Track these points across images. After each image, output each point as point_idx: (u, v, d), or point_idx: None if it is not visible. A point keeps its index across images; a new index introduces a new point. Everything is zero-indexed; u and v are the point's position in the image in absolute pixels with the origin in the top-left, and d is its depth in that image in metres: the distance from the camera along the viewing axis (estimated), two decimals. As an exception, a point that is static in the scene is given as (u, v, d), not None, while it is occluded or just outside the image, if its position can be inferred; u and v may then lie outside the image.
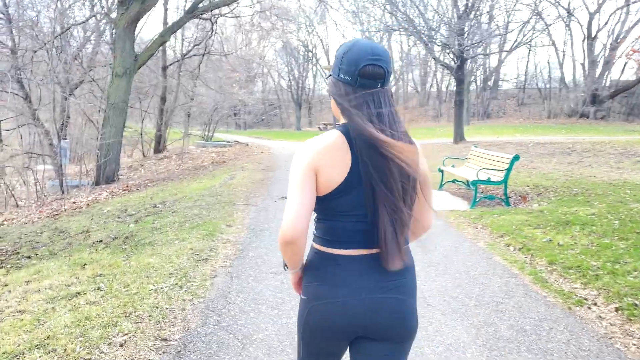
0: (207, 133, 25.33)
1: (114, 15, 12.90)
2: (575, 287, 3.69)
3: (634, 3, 24.18)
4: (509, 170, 6.86)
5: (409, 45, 37.59)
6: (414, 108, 41.02)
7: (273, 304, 3.42)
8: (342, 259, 1.35)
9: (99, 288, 3.73)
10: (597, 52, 30.09)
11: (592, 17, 29.22)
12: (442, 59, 20.86)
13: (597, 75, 29.48)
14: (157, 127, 20.92)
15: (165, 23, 19.51)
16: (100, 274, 4.10)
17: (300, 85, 42.32)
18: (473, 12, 17.89)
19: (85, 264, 4.53)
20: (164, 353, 2.73)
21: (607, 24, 33.34)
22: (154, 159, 18.48)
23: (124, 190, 10.30)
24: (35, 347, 2.77)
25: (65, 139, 12.90)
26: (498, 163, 7.21)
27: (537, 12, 21.59)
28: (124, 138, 14.59)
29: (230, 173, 11.26)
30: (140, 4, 11.80)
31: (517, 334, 2.94)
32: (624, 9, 27.58)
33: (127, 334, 2.91)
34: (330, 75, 1.40)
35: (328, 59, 40.57)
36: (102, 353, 2.69)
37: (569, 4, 29.48)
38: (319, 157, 1.31)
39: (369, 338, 1.38)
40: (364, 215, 1.33)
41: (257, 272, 4.14)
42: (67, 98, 12.81)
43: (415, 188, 1.35)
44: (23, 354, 2.70)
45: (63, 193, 11.28)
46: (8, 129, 16.03)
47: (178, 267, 4.21)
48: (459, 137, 18.13)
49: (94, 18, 16.21)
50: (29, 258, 5.51)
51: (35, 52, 13.20)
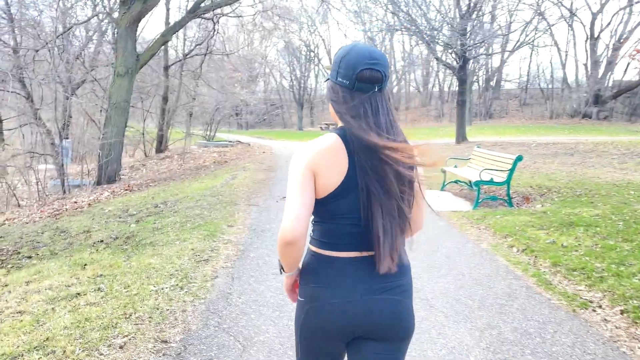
0: (209, 133, 25.35)
1: (116, 15, 12.90)
2: (580, 289, 3.65)
3: (637, 3, 24.09)
4: (512, 171, 6.82)
5: (411, 45, 37.66)
6: (416, 108, 41.01)
7: (274, 306, 3.39)
8: (338, 261, 1.36)
9: (99, 289, 3.70)
10: (599, 52, 30.00)
11: (594, 17, 29.14)
12: (444, 59, 20.83)
13: (599, 76, 29.38)
14: (159, 126, 20.95)
15: (167, 23, 19.53)
16: (101, 275, 4.08)
17: (302, 85, 42.34)
18: (475, 12, 17.85)
19: (86, 264, 4.51)
20: (164, 355, 2.70)
21: (609, 24, 33.20)
22: (156, 159, 18.48)
23: (126, 190, 10.29)
24: (35, 348, 2.74)
25: (67, 139, 12.89)
26: (501, 163, 7.17)
27: (539, 12, 21.55)
28: (126, 138, 14.60)
29: (232, 173, 11.24)
30: (142, 4, 11.79)
31: (521, 337, 2.90)
32: (627, 9, 27.50)
33: (126, 336, 2.88)
34: (329, 79, 1.41)
35: (330, 59, 40.52)
36: (101, 355, 2.67)
37: (572, 4, 29.60)
38: (318, 159, 1.31)
39: (366, 338, 1.38)
40: (360, 219, 1.34)
41: (258, 273, 4.11)
42: (69, 97, 12.80)
43: (413, 190, 1.36)
44: (22, 356, 2.67)
45: (64, 193, 11.28)
46: (10, 129, 16.07)
47: (179, 267, 4.18)
48: (461, 137, 18.09)
49: (96, 17, 16.23)
50: (30, 258, 5.50)
51: (37, 51, 13.19)
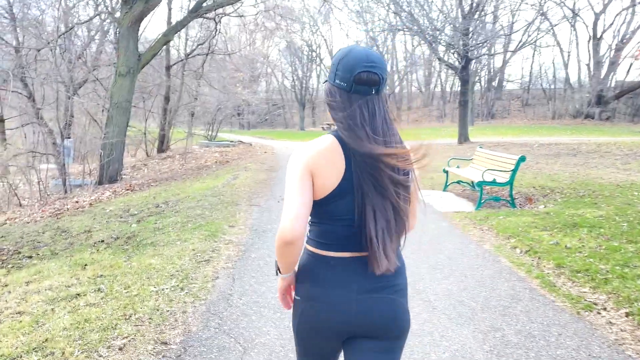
0: (210, 133, 25.35)
1: (118, 15, 12.89)
2: (584, 291, 3.61)
3: (640, 3, 24.03)
4: (515, 172, 6.78)
5: (413, 45, 37.60)
6: (418, 108, 40.96)
7: (275, 307, 3.36)
8: (334, 261, 1.37)
9: (99, 289, 3.68)
10: (602, 52, 29.95)
11: (597, 17, 29.09)
12: (446, 59, 20.79)
13: (602, 76, 29.33)
14: (160, 126, 20.96)
15: (169, 22, 19.53)
16: (101, 275, 4.05)
17: (304, 85, 42.35)
18: (478, 12, 17.80)
19: (86, 265, 4.49)
20: (164, 357, 2.67)
21: (612, 25, 33.13)
22: (157, 159, 18.47)
23: (127, 190, 10.27)
24: (34, 349, 2.72)
25: (69, 138, 12.89)
26: (504, 164, 7.13)
27: (542, 12, 21.47)
28: (128, 137, 14.57)
29: (234, 173, 11.22)
30: (144, 3, 11.77)
31: (525, 340, 2.87)
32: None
33: (126, 337, 2.86)
34: (327, 81, 1.42)
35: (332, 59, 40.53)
36: (100, 357, 2.64)
37: (574, 4, 29.40)
38: (316, 159, 1.32)
39: (362, 337, 1.39)
40: (354, 220, 1.34)
41: (259, 274, 4.08)
42: (70, 97, 12.80)
43: (409, 192, 1.37)
44: (21, 357, 2.65)
45: (66, 192, 11.28)
46: (12, 128, 16.09)
47: (179, 268, 4.16)
48: (464, 137, 18.05)
49: (98, 17, 16.24)
50: (30, 258, 5.48)
51: (39, 51, 13.21)
